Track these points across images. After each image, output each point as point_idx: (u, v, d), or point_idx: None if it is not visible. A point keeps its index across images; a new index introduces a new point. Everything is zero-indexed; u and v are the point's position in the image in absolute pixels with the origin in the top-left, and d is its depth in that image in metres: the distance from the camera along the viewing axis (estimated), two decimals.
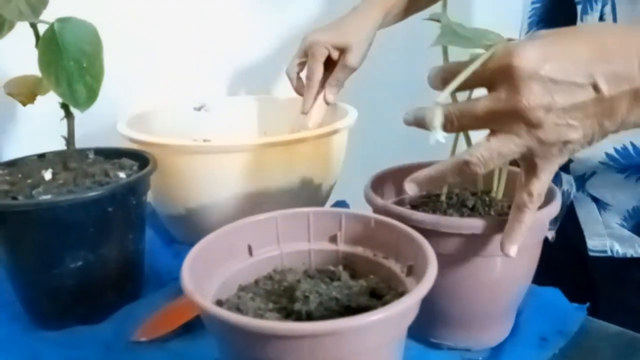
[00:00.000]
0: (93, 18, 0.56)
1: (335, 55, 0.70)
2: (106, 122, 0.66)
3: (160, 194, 0.63)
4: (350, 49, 0.68)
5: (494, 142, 0.37)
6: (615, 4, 0.52)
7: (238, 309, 0.36)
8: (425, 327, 0.48)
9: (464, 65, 0.39)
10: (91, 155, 0.58)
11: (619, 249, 0.60)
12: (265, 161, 0.58)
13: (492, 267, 0.44)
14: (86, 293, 0.50)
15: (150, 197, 0.66)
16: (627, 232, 0.59)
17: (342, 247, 0.44)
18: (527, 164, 0.38)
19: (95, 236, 0.49)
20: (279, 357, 0.29)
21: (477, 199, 0.48)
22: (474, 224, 0.42)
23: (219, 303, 0.38)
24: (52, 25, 0.48)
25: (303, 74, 0.74)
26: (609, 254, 0.61)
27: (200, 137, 0.79)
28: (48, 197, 0.46)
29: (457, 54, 0.42)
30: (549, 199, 0.46)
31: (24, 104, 0.55)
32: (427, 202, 0.49)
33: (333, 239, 0.45)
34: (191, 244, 0.40)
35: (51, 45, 0.48)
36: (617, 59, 0.35)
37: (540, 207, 0.46)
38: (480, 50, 0.38)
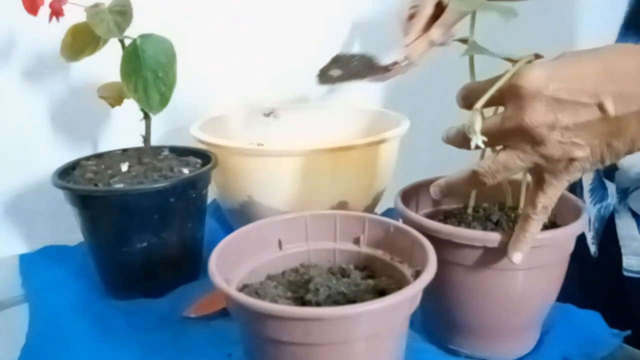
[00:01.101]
0: (178, 31, 0.65)
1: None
2: (188, 122, 0.75)
3: (222, 190, 0.71)
4: None
5: (501, 156, 0.39)
6: None
7: (256, 293, 0.41)
8: (444, 334, 0.50)
9: (484, 83, 0.41)
10: (164, 152, 0.66)
11: None
12: (314, 166, 0.63)
13: (507, 281, 0.45)
14: (149, 271, 0.58)
15: (215, 192, 0.74)
16: None
17: (364, 249, 0.48)
18: (536, 177, 0.40)
19: (158, 222, 0.57)
20: (274, 334, 0.34)
21: (502, 214, 0.49)
22: (487, 237, 0.43)
23: (245, 286, 0.44)
24: (134, 41, 0.57)
25: None
26: None
27: (267, 141, 0.85)
28: (121, 185, 0.55)
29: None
30: (574, 216, 0.46)
31: (113, 106, 0.64)
32: (456, 214, 0.51)
33: (357, 241, 0.48)
34: None
35: (133, 58, 0.56)
36: (626, 79, 0.35)
37: (564, 224, 0.46)
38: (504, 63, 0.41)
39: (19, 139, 0.75)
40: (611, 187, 0.62)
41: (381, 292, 0.43)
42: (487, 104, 0.41)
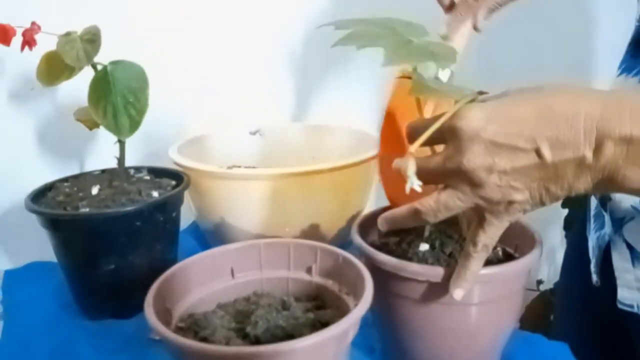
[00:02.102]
0: (154, 55, 0.66)
1: None
2: (171, 142, 0.76)
3: (198, 211, 0.72)
4: None
5: (442, 196, 0.39)
6: None
7: (196, 324, 0.42)
8: None
9: (428, 121, 0.41)
10: (141, 174, 0.67)
11: None
12: (284, 189, 0.64)
13: (456, 315, 0.44)
14: (117, 292, 0.59)
15: (193, 213, 0.75)
16: None
17: (316, 278, 0.48)
18: (477, 216, 0.39)
19: (125, 245, 0.58)
20: None
21: (456, 246, 0.48)
22: (433, 272, 0.43)
23: (189, 316, 0.44)
24: (105, 67, 0.58)
25: None
26: (636, 310, 0.56)
27: (251, 161, 0.86)
28: (87, 210, 0.56)
29: None
30: (528, 248, 0.46)
31: (90, 128, 0.66)
32: (411, 244, 0.51)
33: (309, 270, 0.48)
34: None
35: (102, 84, 0.58)
36: (563, 124, 0.34)
37: (517, 257, 0.46)
38: None
39: (7, 157, 0.78)
40: (606, 217, 0.60)
41: (324, 325, 0.42)
42: (430, 143, 0.41)
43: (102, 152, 0.81)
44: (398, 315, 0.47)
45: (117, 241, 0.57)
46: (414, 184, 0.38)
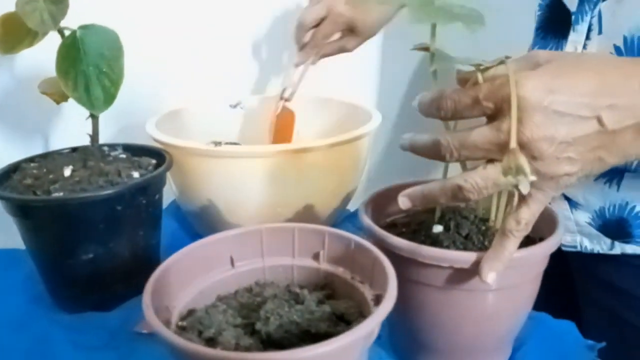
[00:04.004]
0: (129, 20, 0.59)
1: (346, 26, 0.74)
2: (147, 117, 0.69)
3: (181, 191, 0.66)
4: (358, 34, 0.73)
5: (491, 171, 0.36)
6: (601, 16, 0.55)
7: (200, 323, 0.37)
8: (411, 352, 0.48)
9: (462, 91, 0.37)
10: (116, 152, 0.61)
11: (588, 245, 0.62)
12: (277, 167, 0.59)
13: (476, 302, 0.42)
14: (97, 283, 0.54)
15: (175, 193, 0.69)
16: (594, 231, 0.61)
17: (324, 265, 0.44)
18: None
19: (105, 232, 0.52)
20: None
21: (472, 227, 0.45)
22: (454, 257, 0.40)
23: (190, 313, 0.40)
24: (74, 32, 0.51)
25: None
26: (579, 249, 0.63)
27: (233, 135, 0.81)
28: (61, 194, 0.50)
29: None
30: (549, 232, 0.43)
31: (57, 102, 0.59)
32: (423, 224, 0.48)
33: (316, 257, 0.45)
34: None
35: (71, 51, 0.51)
36: (620, 92, 0.35)
37: (536, 237, 0.43)
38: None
39: None
40: None
41: (339, 317, 0.39)
42: (466, 115, 0.38)
43: (69, 128, 0.74)
44: (413, 302, 0.44)
45: (96, 228, 0.52)
46: (530, 180, 0.34)
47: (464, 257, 0.39)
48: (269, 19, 0.88)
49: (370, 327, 0.32)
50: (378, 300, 0.38)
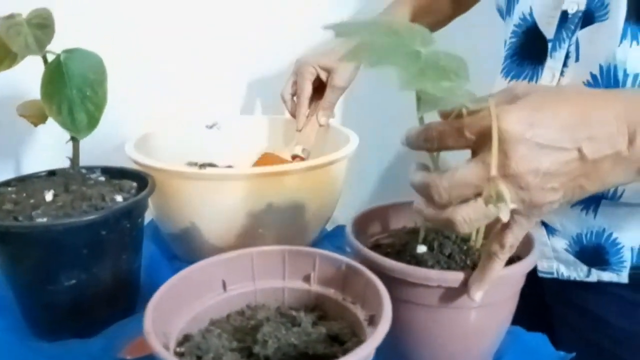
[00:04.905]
0: (107, 39, 0.59)
1: (323, 76, 0.76)
2: (122, 138, 0.69)
3: (161, 213, 0.66)
4: (336, 69, 0.74)
5: (482, 203, 0.36)
6: (578, 43, 0.56)
7: (198, 348, 0.38)
8: None
9: (447, 124, 0.39)
10: (95, 175, 0.60)
11: (564, 272, 0.63)
12: (258, 189, 0.60)
13: (461, 319, 0.44)
14: (79, 309, 0.53)
15: (153, 214, 0.69)
16: (571, 257, 0.62)
17: (315, 287, 0.45)
18: None
19: (89, 257, 0.51)
20: None
21: (455, 247, 0.48)
22: (442, 277, 0.42)
23: (186, 338, 0.40)
24: (58, 56, 0.51)
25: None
26: (555, 275, 0.64)
27: (211, 155, 0.81)
28: (44, 220, 0.49)
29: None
30: (525, 252, 0.46)
31: (35, 125, 0.58)
32: (407, 245, 0.50)
33: (307, 279, 0.46)
34: (190, 262, 0.42)
35: (56, 75, 0.51)
36: (599, 124, 0.36)
37: (516, 261, 0.46)
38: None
39: None
40: None
41: (333, 338, 0.40)
42: (450, 148, 0.39)
43: (42, 150, 0.72)
44: (401, 320, 0.45)
45: (80, 253, 0.51)
46: (510, 208, 0.35)
47: (453, 277, 0.41)
48: (244, 40, 0.90)
49: (369, 348, 0.33)
50: (372, 320, 0.40)
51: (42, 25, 0.49)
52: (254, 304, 0.45)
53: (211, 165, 0.79)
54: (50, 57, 0.52)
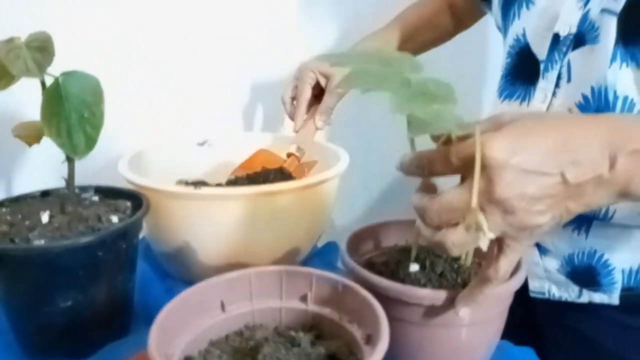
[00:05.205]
0: (99, 57, 0.59)
1: (322, 81, 0.78)
2: (115, 155, 0.69)
3: (154, 231, 0.66)
4: (334, 75, 0.76)
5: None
6: (570, 65, 0.57)
7: None
8: None
9: (436, 152, 0.41)
10: (88, 195, 0.61)
11: (556, 292, 0.64)
12: (252, 208, 0.61)
13: (452, 336, 0.45)
14: (74, 330, 0.53)
15: (145, 232, 0.69)
16: (563, 277, 0.63)
17: (312, 307, 0.46)
18: (499, 242, 0.40)
19: (85, 278, 0.52)
20: None
21: (446, 265, 0.49)
22: (436, 296, 0.43)
23: (187, 359, 0.41)
24: (56, 79, 0.52)
25: None
26: (547, 296, 0.65)
27: (200, 173, 0.82)
28: (42, 242, 0.49)
29: None
30: (514, 270, 0.47)
31: (30, 145, 0.58)
32: (400, 264, 0.51)
33: (304, 299, 0.47)
34: (183, 280, 0.42)
35: (54, 98, 0.51)
36: (581, 149, 0.38)
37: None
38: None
39: None
40: None
41: (332, 358, 0.41)
42: (440, 174, 0.41)
43: (35, 168, 0.72)
44: (395, 338, 0.46)
45: (76, 274, 0.51)
46: (488, 238, 0.37)
47: (445, 296, 0.43)
48: (233, 58, 0.91)
49: None
50: (369, 339, 0.41)
51: (41, 49, 0.50)
52: (252, 324, 0.46)
53: (202, 183, 0.80)
54: (48, 79, 0.52)
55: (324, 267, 0.76)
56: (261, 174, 0.77)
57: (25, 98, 0.54)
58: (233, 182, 0.79)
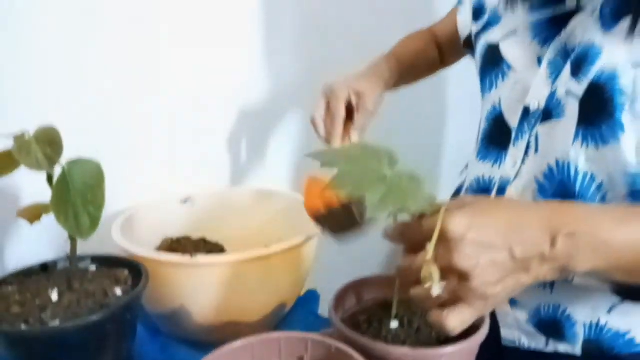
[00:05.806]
0: (91, 122, 0.61)
1: (354, 99, 0.76)
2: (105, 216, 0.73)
3: (148, 295, 0.71)
4: (366, 93, 0.76)
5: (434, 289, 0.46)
6: (538, 136, 0.62)
7: None
8: None
9: (412, 223, 0.49)
10: (84, 264, 0.65)
11: (526, 342, 0.67)
12: (242, 272, 0.66)
13: None
14: None
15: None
16: (532, 328, 0.66)
17: None
18: (455, 301, 0.47)
19: (95, 351, 0.56)
20: None
21: (421, 320, 0.57)
22: (415, 353, 0.50)
23: None
24: (63, 169, 0.56)
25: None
26: (517, 345, 0.68)
27: (184, 230, 0.86)
28: (57, 322, 0.53)
29: None
30: (477, 325, 0.55)
31: (31, 223, 0.62)
32: (381, 322, 0.58)
33: None
34: (175, 338, 0.46)
35: (62, 187, 0.56)
36: (527, 229, 0.46)
37: (470, 335, 0.55)
38: None
39: None
40: None
41: None
42: (418, 240, 0.48)
43: (21, 240, 0.75)
44: None
45: (87, 348, 0.55)
46: (439, 288, 0.45)
47: (423, 354, 0.50)
48: (216, 111, 0.95)
49: None
50: None
51: (50, 142, 0.55)
52: None
53: (186, 238, 0.85)
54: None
55: (307, 316, 0.83)
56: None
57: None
58: None
